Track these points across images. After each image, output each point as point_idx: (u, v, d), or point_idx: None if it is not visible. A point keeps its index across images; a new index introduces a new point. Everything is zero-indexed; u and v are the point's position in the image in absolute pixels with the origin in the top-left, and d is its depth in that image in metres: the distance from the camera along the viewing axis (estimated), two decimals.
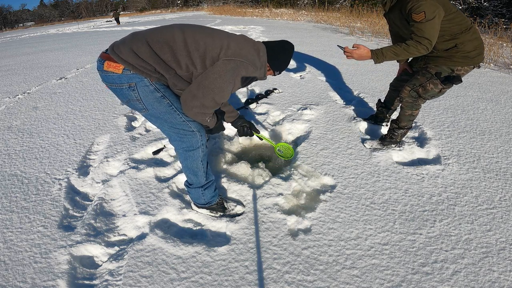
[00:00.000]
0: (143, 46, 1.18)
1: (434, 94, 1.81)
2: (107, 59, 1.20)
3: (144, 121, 2.71)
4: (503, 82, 3.68)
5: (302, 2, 23.30)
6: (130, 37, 1.23)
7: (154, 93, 1.25)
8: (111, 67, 1.19)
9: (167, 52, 1.19)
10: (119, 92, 1.25)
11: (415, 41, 1.56)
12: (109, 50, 1.21)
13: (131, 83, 1.21)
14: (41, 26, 41.59)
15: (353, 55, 1.68)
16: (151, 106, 1.27)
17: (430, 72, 1.79)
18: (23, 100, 3.53)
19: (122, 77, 1.19)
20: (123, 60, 1.17)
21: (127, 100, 1.27)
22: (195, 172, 1.46)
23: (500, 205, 1.63)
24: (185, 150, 1.41)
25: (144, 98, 1.25)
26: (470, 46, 1.68)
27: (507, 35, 6.10)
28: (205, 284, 1.23)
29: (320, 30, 9.37)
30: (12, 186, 1.90)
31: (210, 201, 1.55)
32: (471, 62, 1.72)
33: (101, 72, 1.23)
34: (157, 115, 1.31)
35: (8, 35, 20.62)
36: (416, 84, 1.85)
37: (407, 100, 1.93)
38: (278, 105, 2.98)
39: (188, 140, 1.38)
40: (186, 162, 1.45)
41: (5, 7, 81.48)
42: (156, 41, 1.19)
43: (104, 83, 1.27)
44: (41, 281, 1.25)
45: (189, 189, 1.55)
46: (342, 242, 1.40)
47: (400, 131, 2.07)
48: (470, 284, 1.21)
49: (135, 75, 1.20)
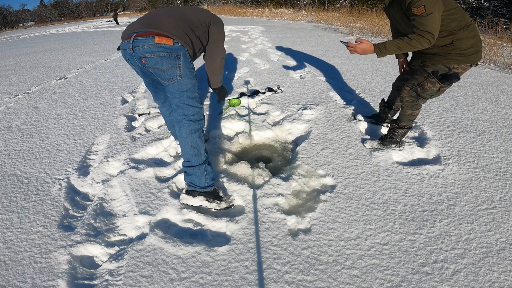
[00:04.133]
0: (177, 21, 1.55)
1: (433, 93, 1.81)
2: (156, 35, 1.45)
3: (144, 121, 2.71)
4: (503, 82, 3.68)
5: (302, 2, 23.29)
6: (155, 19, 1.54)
7: (190, 64, 1.60)
8: (163, 40, 1.45)
9: (188, 22, 1.59)
10: (166, 59, 1.48)
11: (418, 34, 1.54)
12: (149, 29, 1.48)
13: (179, 53, 1.51)
14: (41, 26, 41.56)
15: (357, 50, 1.67)
16: (185, 74, 1.55)
17: (427, 71, 1.78)
18: (23, 100, 3.53)
19: (173, 48, 1.49)
20: (173, 34, 1.49)
21: (169, 67, 1.50)
22: (198, 146, 1.60)
23: (500, 205, 1.63)
24: (190, 120, 1.59)
25: (184, 66, 1.54)
26: (466, 44, 1.66)
27: (507, 35, 6.10)
28: (205, 284, 1.23)
29: (320, 30, 9.38)
30: (12, 186, 1.90)
31: (211, 184, 1.61)
32: (467, 60, 1.69)
33: (151, 45, 1.45)
34: (185, 84, 1.57)
35: (8, 35, 20.62)
36: (415, 84, 1.86)
37: (407, 100, 1.93)
38: (278, 105, 2.98)
39: (197, 112, 1.62)
40: (189, 130, 1.59)
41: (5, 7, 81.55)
42: (178, 17, 1.58)
43: (148, 55, 1.48)
44: (41, 281, 1.25)
45: (191, 169, 1.58)
46: (342, 242, 1.40)
47: (400, 131, 2.06)
48: (470, 284, 1.21)
49: (181, 47, 1.52)
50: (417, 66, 1.94)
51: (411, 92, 1.89)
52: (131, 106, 3.13)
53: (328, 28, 10.05)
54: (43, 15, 79.56)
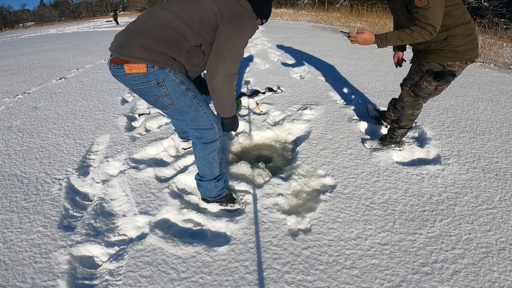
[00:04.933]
0: (149, 39, 1.18)
1: (431, 92, 1.80)
2: (124, 63, 1.19)
3: (144, 121, 2.71)
4: (503, 82, 3.68)
5: (302, 2, 23.30)
6: (128, 37, 1.21)
7: (180, 86, 1.29)
8: (134, 69, 1.18)
9: (172, 34, 1.20)
10: (147, 91, 1.27)
11: (420, 27, 1.54)
12: (117, 54, 1.19)
13: (158, 79, 1.23)
14: (41, 26, 41.57)
15: (358, 40, 1.65)
16: (177, 100, 1.31)
17: (422, 70, 1.79)
18: (23, 100, 3.53)
19: (149, 75, 1.21)
20: (142, 59, 1.17)
21: (155, 98, 1.29)
22: (211, 164, 1.51)
23: (500, 205, 1.63)
24: (203, 142, 1.46)
25: (172, 92, 1.28)
26: (460, 41, 1.64)
27: (507, 35, 6.10)
28: (205, 284, 1.23)
29: (320, 30, 9.38)
30: (12, 186, 1.90)
31: (221, 193, 1.61)
32: (461, 58, 1.67)
33: (124, 76, 1.22)
34: (182, 109, 1.35)
35: (8, 35, 20.62)
36: (412, 84, 1.89)
37: (407, 99, 1.95)
38: (278, 105, 2.97)
39: (207, 133, 1.44)
40: (202, 153, 1.48)
41: (5, 7, 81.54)
42: (156, 29, 1.20)
43: (128, 86, 1.27)
44: (41, 281, 1.25)
45: (201, 182, 1.58)
46: (342, 242, 1.40)
47: (400, 131, 2.07)
48: (470, 284, 1.21)
49: (160, 70, 1.21)
50: (414, 65, 1.94)
51: (410, 92, 1.90)
52: (131, 106, 3.13)
53: (328, 28, 10.05)
54: (43, 15, 79.59)
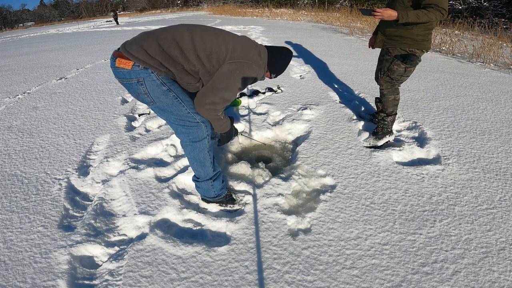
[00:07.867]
0: (153, 44, 1.25)
1: (401, 73, 2.01)
2: (118, 56, 1.28)
3: (144, 121, 2.71)
4: (503, 82, 3.68)
5: (302, 2, 23.30)
6: (141, 36, 1.31)
7: (160, 86, 1.31)
8: (122, 64, 1.27)
9: (175, 49, 1.26)
10: (129, 87, 1.33)
11: (436, 9, 1.71)
12: (121, 48, 1.30)
13: (139, 78, 1.28)
14: (41, 26, 41.55)
15: (384, 14, 1.77)
16: (157, 99, 1.34)
17: (390, 55, 2.01)
18: (23, 100, 3.53)
19: (131, 72, 1.27)
20: (133, 56, 1.24)
21: (136, 94, 1.35)
22: (203, 163, 1.51)
23: (500, 205, 1.63)
24: (191, 141, 1.47)
25: (152, 92, 1.31)
26: (420, 32, 1.85)
27: (507, 35, 6.10)
28: (205, 284, 1.23)
29: (320, 30, 9.38)
30: (12, 186, 1.90)
31: (220, 194, 1.62)
32: (417, 46, 1.90)
33: (113, 68, 1.31)
34: (164, 108, 1.37)
35: (8, 35, 20.62)
36: (385, 69, 2.07)
37: (385, 86, 2.14)
38: (278, 105, 2.97)
39: (194, 132, 1.44)
40: (193, 153, 1.49)
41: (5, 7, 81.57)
42: (165, 38, 1.26)
43: (116, 79, 1.35)
44: (41, 281, 1.25)
45: (198, 183, 1.59)
46: (342, 242, 1.40)
47: (389, 118, 2.20)
48: (470, 284, 1.21)
49: (143, 71, 1.27)
50: (383, 53, 2.09)
51: (385, 78, 2.10)
52: (131, 106, 3.13)
53: (328, 28, 10.04)
54: (43, 15, 79.58)
